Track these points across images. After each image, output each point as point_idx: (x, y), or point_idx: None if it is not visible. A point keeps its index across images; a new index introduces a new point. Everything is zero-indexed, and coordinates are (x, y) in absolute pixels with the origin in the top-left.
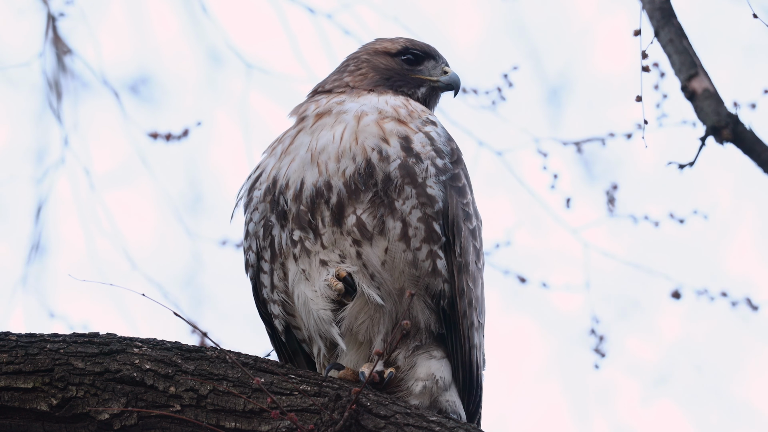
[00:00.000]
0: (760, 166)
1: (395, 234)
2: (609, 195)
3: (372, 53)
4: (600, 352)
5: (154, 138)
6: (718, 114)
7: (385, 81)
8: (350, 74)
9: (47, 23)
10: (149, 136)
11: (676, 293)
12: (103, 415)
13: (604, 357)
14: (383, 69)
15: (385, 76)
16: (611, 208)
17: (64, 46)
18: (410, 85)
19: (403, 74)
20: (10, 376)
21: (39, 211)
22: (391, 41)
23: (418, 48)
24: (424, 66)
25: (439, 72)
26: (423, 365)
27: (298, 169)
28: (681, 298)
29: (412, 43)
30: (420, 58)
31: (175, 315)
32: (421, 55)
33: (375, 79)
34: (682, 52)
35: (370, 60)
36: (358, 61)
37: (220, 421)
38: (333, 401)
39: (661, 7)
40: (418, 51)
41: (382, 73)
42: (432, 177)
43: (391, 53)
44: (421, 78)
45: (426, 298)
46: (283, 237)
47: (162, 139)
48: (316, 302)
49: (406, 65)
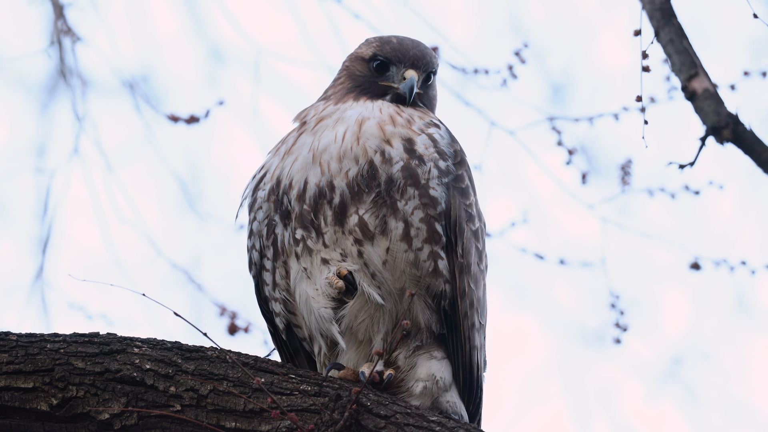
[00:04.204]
0: (760, 166)
1: (397, 234)
2: (623, 170)
3: (353, 59)
4: (621, 326)
5: (174, 121)
6: (718, 114)
7: (356, 89)
8: (333, 82)
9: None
10: (169, 119)
11: (695, 264)
12: (103, 415)
13: (626, 331)
14: (357, 76)
15: (356, 84)
16: (626, 182)
17: (74, 35)
18: (376, 92)
19: (372, 81)
20: (11, 375)
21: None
22: (367, 45)
23: (382, 54)
24: (390, 71)
25: (399, 78)
26: (424, 366)
27: (301, 169)
28: (701, 270)
29: (380, 48)
30: (386, 64)
31: (176, 315)
32: (386, 61)
33: (348, 87)
34: (682, 52)
35: (348, 67)
36: (341, 68)
37: (220, 421)
38: (333, 401)
39: (661, 7)
40: (383, 57)
41: (354, 80)
42: (435, 179)
43: (365, 59)
44: (386, 85)
45: (427, 299)
46: (286, 236)
47: (182, 123)
48: (317, 300)
49: (375, 71)
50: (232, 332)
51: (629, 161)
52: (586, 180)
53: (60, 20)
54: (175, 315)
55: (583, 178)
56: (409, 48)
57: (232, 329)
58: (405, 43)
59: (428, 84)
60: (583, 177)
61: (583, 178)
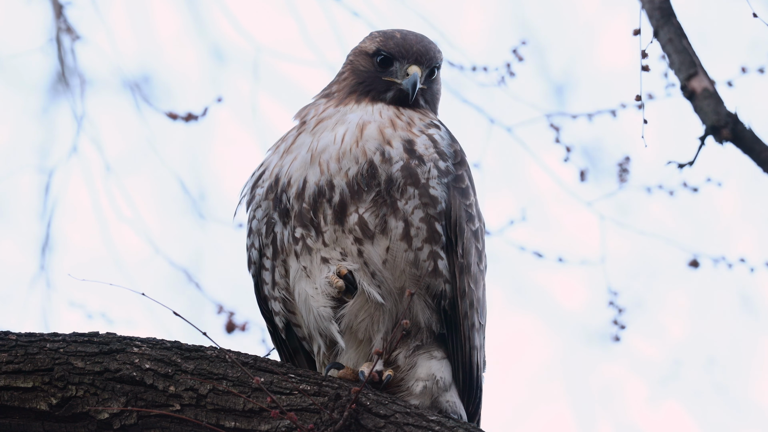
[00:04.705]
0: (759, 165)
1: (397, 233)
2: (621, 167)
3: (356, 53)
4: (620, 324)
5: (173, 119)
6: (718, 113)
7: (358, 85)
8: (338, 76)
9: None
10: (168, 116)
11: (694, 262)
12: (102, 415)
13: (624, 329)
14: (361, 71)
15: (360, 80)
16: (624, 179)
17: (74, 33)
18: (379, 88)
19: (376, 76)
20: (10, 375)
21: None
22: (370, 39)
23: (385, 50)
24: (394, 67)
25: (402, 74)
26: (423, 365)
27: (299, 168)
28: (699, 267)
29: (384, 44)
30: (389, 59)
31: (175, 314)
32: (389, 57)
33: (351, 84)
34: (681, 52)
35: (353, 61)
36: (345, 62)
37: (219, 421)
38: (333, 400)
39: (661, 7)
40: (386, 53)
41: (358, 75)
42: (435, 178)
43: (369, 53)
44: (389, 81)
45: (427, 298)
46: (285, 234)
47: (181, 120)
48: (317, 299)
49: (379, 66)
50: (230, 330)
51: (627, 158)
52: (584, 177)
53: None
54: (175, 314)
55: (582, 176)
56: (412, 43)
57: (229, 327)
58: (408, 38)
59: (432, 79)
60: (582, 174)
61: (581, 175)
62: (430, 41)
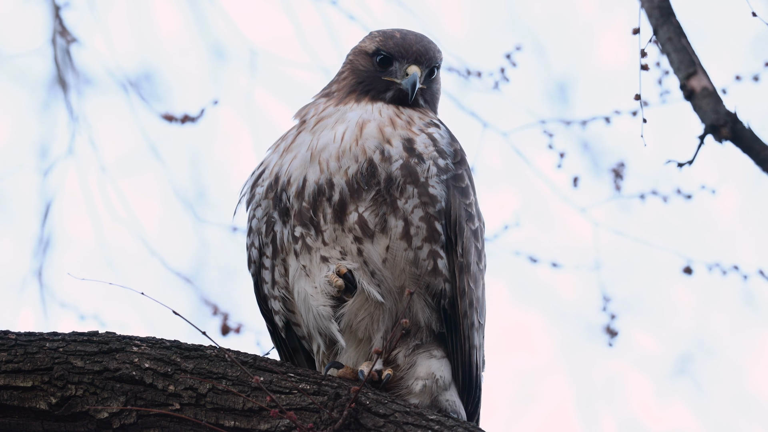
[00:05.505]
0: (758, 164)
1: (397, 232)
2: (616, 173)
3: (356, 52)
4: (612, 331)
5: (169, 120)
6: (717, 112)
7: (358, 85)
8: (337, 76)
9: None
10: (163, 118)
11: (687, 269)
12: (102, 414)
13: (616, 336)
14: (360, 71)
15: (360, 79)
16: (618, 186)
17: (70, 36)
18: (379, 87)
19: (375, 76)
20: (10, 374)
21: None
22: (370, 39)
23: (385, 49)
24: (394, 66)
25: (402, 74)
26: (423, 364)
27: (299, 167)
28: (692, 274)
29: (383, 43)
30: (389, 59)
31: (174, 314)
32: (389, 57)
33: (351, 84)
34: (680, 51)
35: (352, 61)
36: (345, 61)
37: (219, 420)
38: (332, 400)
39: (660, 6)
40: (385, 53)
41: (358, 75)
42: (434, 177)
43: (369, 53)
44: (389, 80)
45: (426, 297)
46: (285, 233)
47: (177, 122)
48: (316, 298)
49: (378, 66)
50: (225, 333)
51: (621, 164)
52: (577, 183)
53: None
54: (174, 314)
55: (575, 182)
56: (412, 43)
57: (224, 330)
58: (408, 38)
59: (431, 78)
60: (575, 180)
61: (574, 181)
62: (430, 41)
